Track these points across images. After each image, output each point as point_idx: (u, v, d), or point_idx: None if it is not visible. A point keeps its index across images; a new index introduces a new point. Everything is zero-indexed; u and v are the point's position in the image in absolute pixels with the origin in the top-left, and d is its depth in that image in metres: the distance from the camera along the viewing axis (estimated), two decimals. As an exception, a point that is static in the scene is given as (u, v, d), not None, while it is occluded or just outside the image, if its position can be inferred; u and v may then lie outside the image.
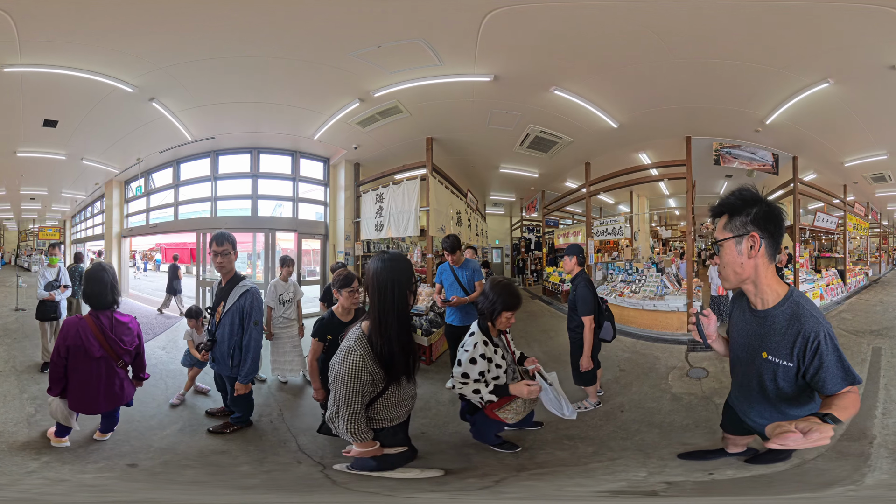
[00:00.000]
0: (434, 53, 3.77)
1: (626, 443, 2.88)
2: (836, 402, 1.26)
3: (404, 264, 1.73)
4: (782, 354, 1.38)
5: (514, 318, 2.40)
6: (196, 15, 3.30)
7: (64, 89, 4.23)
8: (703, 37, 3.46)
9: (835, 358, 1.31)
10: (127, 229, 7.22)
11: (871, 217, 7.74)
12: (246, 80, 4.37)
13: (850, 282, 6.87)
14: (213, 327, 2.97)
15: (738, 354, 1.60)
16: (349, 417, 1.63)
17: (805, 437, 1.02)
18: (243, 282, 2.88)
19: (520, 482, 2.30)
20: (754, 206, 1.39)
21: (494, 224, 10.08)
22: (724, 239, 1.42)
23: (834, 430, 1.08)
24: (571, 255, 3.41)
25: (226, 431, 3.00)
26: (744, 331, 1.55)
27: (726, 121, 4.99)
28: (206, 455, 2.75)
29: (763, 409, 1.54)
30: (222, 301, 2.88)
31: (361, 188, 6.77)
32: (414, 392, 1.99)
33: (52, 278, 4.49)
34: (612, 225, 6.38)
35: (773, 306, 1.42)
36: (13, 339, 4.98)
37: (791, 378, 1.39)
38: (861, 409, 3.03)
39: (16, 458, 2.57)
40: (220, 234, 2.84)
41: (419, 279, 5.03)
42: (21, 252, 8.94)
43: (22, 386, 3.69)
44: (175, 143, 5.75)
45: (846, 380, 1.31)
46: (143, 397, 3.47)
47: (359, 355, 1.63)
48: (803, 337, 1.33)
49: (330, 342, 2.46)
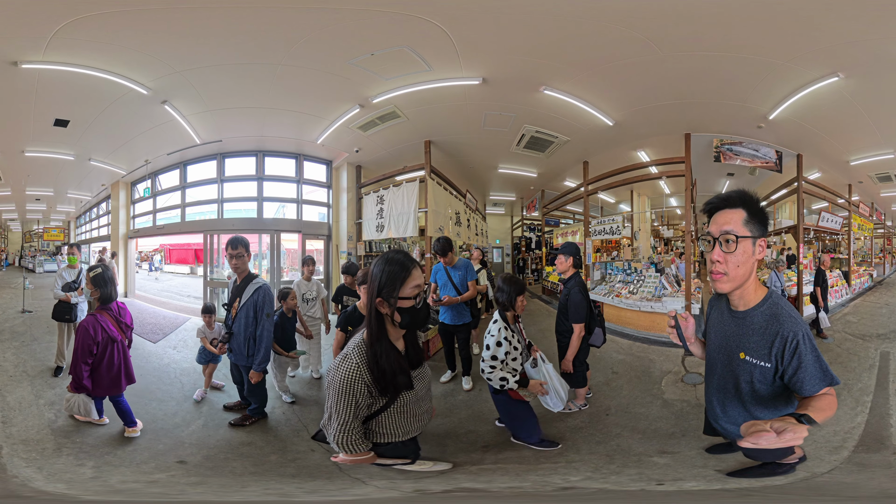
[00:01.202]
0: (422, 59, 3.92)
1: (598, 447, 2.87)
2: (813, 403, 1.26)
3: (397, 266, 1.51)
4: (760, 355, 1.38)
5: (526, 301, 2.81)
6: (216, 22, 3.42)
7: (79, 88, 4.25)
8: (696, 30, 3.37)
9: (813, 358, 1.31)
10: (133, 230, 7.35)
11: (876, 217, 7.65)
12: (255, 85, 4.49)
13: (854, 283, 6.77)
14: (230, 321, 3.23)
15: (714, 356, 1.59)
16: (339, 428, 1.49)
17: (779, 437, 1.01)
18: (256, 279, 3.20)
19: (457, 474, 2.35)
20: (761, 212, 1.38)
21: (495, 223, 10.13)
22: (744, 237, 1.35)
23: (809, 430, 1.07)
24: (567, 256, 3.32)
25: (245, 424, 3.24)
26: (721, 332, 1.54)
27: (727, 116, 4.89)
28: (235, 447, 2.94)
29: (736, 414, 1.53)
30: (238, 297, 3.18)
31: (363, 190, 6.89)
32: (429, 406, 1.81)
33: (70, 279, 4.38)
34: (610, 224, 6.35)
35: (753, 307, 1.42)
36: (21, 342, 4.85)
37: (768, 379, 1.39)
38: (873, 418, 3.07)
39: (56, 465, 2.57)
40: (234, 238, 3.13)
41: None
42: (25, 253, 8.93)
43: (37, 391, 3.61)
44: (183, 146, 5.86)
45: (824, 380, 1.30)
46: (162, 396, 3.70)
47: (354, 364, 1.48)
48: (782, 337, 1.33)
49: (351, 333, 2.54)
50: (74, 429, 3.02)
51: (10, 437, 2.87)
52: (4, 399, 3.42)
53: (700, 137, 5.32)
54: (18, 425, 3.04)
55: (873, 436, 2.77)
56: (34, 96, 4.36)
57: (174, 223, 6.83)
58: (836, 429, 2.90)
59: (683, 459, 2.59)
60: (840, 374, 4.33)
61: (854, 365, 4.28)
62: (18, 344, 4.77)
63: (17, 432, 2.93)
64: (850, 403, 3.40)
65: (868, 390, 3.63)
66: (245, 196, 6.56)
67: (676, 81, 4.19)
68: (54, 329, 4.31)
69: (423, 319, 1.61)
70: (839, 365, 4.34)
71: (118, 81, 4.14)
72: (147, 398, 3.58)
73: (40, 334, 4.93)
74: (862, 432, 2.91)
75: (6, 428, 2.99)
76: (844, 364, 4.35)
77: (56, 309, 4.25)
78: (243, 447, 2.94)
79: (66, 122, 5.00)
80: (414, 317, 1.54)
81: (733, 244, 1.35)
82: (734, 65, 3.82)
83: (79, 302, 4.31)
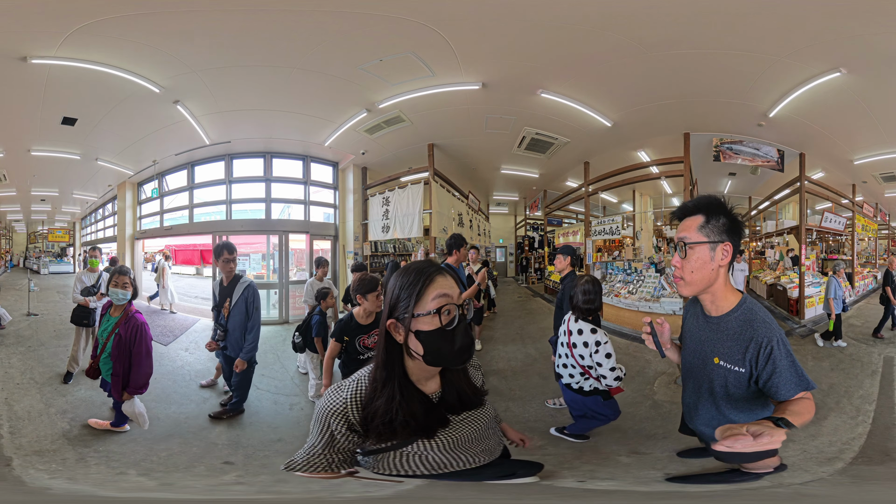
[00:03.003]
0: (425, 65, 4.03)
1: (576, 443, 2.87)
2: (791, 407, 1.24)
3: (413, 274, 1.00)
4: (734, 360, 1.38)
5: None
6: (236, 24, 3.48)
7: (89, 86, 4.18)
8: (691, 27, 3.36)
9: (788, 363, 1.30)
10: (140, 231, 7.40)
11: (880, 218, 7.63)
12: (268, 88, 4.57)
13: (857, 285, 6.75)
14: (223, 320, 3.36)
15: (690, 361, 1.60)
16: (306, 450, 1.04)
17: (755, 441, 0.98)
18: (243, 279, 3.40)
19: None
20: (726, 216, 1.38)
21: (499, 223, 10.21)
22: (698, 242, 1.37)
23: (787, 434, 1.04)
24: (566, 255, 3.49)
25: (223, 417, 3.32)
26: (696, 337, 1.54)
27: (726, 114, 4.87)
28: (268, 444, 2.97)
29: (710, 417, 1.53)
30: (228, 297, 3.35)
31: (369, 191, 6.97)
32: (495, 443, 1.20)
33: (89, 283, 4.21)
34: (610, 224, 6.39)
35: (727, 312, 1.42)
36: (27, 346, 4.60)
37: (743, 384, 1.39)
38: (876, 428, 2.99)
39: (92, 475, 2.47)
40: (230, 245, 3.35)
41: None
42: (30, 254, 8.76)
43: (46, 400, 3.41)
44: (192, 146, 5.90)
45: (800, 385, 1.30)
46: (180, 399, 3.68)
47: (341, 400, 1.02)
48: (756, 343, 1.33)
49: (347, 343, 2.56)
50: (92, 437, 2.90)
51: (20, 447, 2.70)
52: (11, 408, 3.23)
53: (700, 137, 5.31)
54: (28, 436, 2.85)
55: (876, 447, 2.65)
56: (42, 93, 4.27)
57: (182, 224, 6.88)
58: (832, 439, 2.79)
59: (647, 461, 2.54)
60: (841, 381, 4.02)
61: (856, 371, 4.13)
62: (24, 349, 4.53)
63: (27, 443, 2.76)
64: (851, 412, 3.26)
65: (870, 398, 3.51)
66: (253, 197, 6.64)
67: (673, 80, 4.19)
68: (62, 333, 4.17)
69: (463, 350, 0.99)
70: (840, 371, 4.19)
71: (131, 79, 4.10)
72: (166, 402, 3.55)
73: (47, 339, 4.78)
74: (864, 443, 2.78)
75: (15, 438, 2.81)
76: (846, 370, 4.20)
77: (75, 313, 4.11)
78: (274, 444, 2.98)
79: (75, 120, 4.93)
80: (443, 344, 0.96)
81: (684, 250, 1.38)
82: (731, 61, 3.79)
83: (97, 307, 4.10)
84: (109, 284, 2.89)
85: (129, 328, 2.81)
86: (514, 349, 4.94)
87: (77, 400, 3.48)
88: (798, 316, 5.74)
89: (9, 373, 3.90)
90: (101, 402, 3.32)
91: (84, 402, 3.42)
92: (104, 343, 2.88)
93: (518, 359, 4.61)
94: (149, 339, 2.87)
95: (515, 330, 5.80)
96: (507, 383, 3.99)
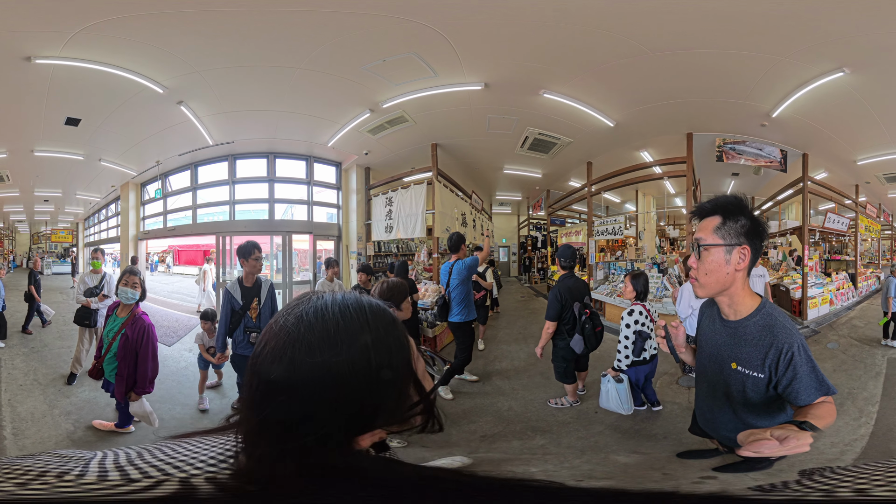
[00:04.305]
0: (428, 66, 4.04)
1: (578, 442, 2.88)
2: (812, 410, 1.22)
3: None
4: (753, 365, 1.36)
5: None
6: (241, 25, 3.47)
7: (94, 86, 4.16)
8: (693, 27, 3.35)
9: (808, 369, 1.29)
10: (143, 232, 7.42)
11: (883, 219, 7.61)
12: (272, 89, 4.57)
13: (860, 286, 6.73)
14: (252, 322, 3.23)
15: (705, 364, 1.57)
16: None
17: (782, 445, 0.96)
18: (265, 278, 3.31)
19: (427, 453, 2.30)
20: (746, 218, 1.34)
21: (502, 223, 10.22)
22: (714, 244, 1.34)
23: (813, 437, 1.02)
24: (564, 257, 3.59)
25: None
26: (713, 341, 1.51)
27: (729, 115, 4.87)
28: None
29: (727, 420, 1.50)
30: (255, 297, 3.24)
31: (372, 192, 6.98)
32: None
33: (92, 284, 4.16)
34: (612, 224, 6.39)
35: (746, 317, 1.39)
36: (31, 348, 4.56)
37: (761, 389, 1.37)
38: (879, 429, 3.00)
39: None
40: (257, 243, 3.26)
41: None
42: (33, 255, 8.67)
43: (50, 401, 3.38)
44: (195, 147, 5.90)
45: (820, 390, 1.28)
46: (185, 400, 3.64)
47: None
48: (776, 349, 1.31)
49: None
50: (96, 439, 2.87)
51: (23, 448, 2.66)
52: (15, 410, 3.18)
53: (703, 137, 5.30)
54: (32, 437, 2.82)
55: (879, 448, 2.62)
56: (46, 93, 4.25)
57: (185, 224, 6.89)
58: (833, 440, 2.76)
59: (643, 461, 2.54)
60: (844, 382, 4.05)
61: (859, 373, 4.10)
62: (28, 350, 4.50)
63: (31, 445, 2.72)
64: (854, 413, 3.22)
65: (874, 399, 3.46)
66: (256, 198, 6.65)
67: (676, 80, 4.19)
68: (65, 334, 4.15)
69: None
70: (843, 372, 4.17)
71: (135, 79, 4.09)
72: (170, 403, 3.51)
73: (51, 340, 4.75)
74: (865, 445, 2.75)
75: (18, 440, 2.76)
76: (849, 371, 4.17)
77: (78, 314, 4.10)
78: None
79: (78, 120, 4.92)
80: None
81: (699, 252, 1.37)
82: (734, 61, 3.78)
83: (99, 308, 4.09)
84: (119, 283, 2.88)
85: (136, 329, 2.81)
86: (517, 349, 4.95)
87: (81, 401, 3.45)
88: (801, 317, 5.73)
89: (12, 374, 3.88)
90: (105, 403, 3.28)
91: (88, 404, 3.40)
92: (109, 343, 2.86)
93: (521, 358, 4.61)
94: (155, 341, 2.87)
95: (518, 329, 5.80)
96: (510, 383, 3.99)
